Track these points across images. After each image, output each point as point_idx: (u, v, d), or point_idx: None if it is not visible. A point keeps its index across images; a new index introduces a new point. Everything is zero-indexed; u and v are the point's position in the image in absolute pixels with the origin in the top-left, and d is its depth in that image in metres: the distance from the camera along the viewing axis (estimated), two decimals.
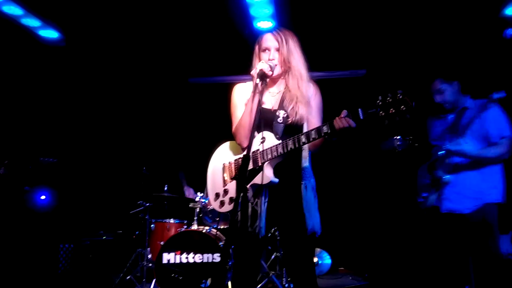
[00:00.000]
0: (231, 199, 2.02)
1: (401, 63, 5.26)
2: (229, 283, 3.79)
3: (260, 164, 1.94)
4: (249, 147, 1.74)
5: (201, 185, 4.62)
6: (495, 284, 2.69)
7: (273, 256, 4.42)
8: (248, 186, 1.93)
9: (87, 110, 5.81)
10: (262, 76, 1.93)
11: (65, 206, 5.02)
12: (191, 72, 6.19)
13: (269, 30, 2.13)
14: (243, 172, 1.68)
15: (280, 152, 1.90)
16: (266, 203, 1.95)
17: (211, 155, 2.30)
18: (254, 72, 1.95)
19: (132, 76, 5.94)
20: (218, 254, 3.80)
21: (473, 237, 2.73)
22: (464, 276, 3.11)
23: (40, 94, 5.47)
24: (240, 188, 1.65)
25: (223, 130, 6.40)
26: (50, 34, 4.84)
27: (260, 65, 1.95)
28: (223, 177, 2.13)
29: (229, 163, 2.12)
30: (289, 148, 1.88)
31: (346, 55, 5.24)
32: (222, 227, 4.32)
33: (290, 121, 2.00)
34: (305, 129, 2.01)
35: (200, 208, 4.20)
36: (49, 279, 4.62)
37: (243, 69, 6.01)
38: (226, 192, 2.08)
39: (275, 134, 1.98)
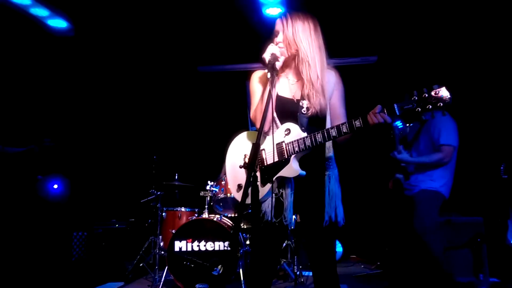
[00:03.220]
0: None
1: (414, 49, 5.16)
2: (241, 271, 3.83)
3: (286, 156, 1.90)
4: (259, 133, 1.71)
5: (212, 173, 4.64)
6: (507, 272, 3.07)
7: (284, 244, 4.43)
8: (274, 179, 1.91)
9: (98, 100, 5.84)
10: (274, 59, 1.88)
11: (78, 194, 5.09)
12: (200, 61, 6.16)
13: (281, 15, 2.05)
14: (253, 160, 1.66)
15: (308, 145, 1.85)
16: (292, 195, 1.92)
17: (228, 145, 2.23)
18: (266, 55, 1.90)
19: (142, 65, 5.94)
20: (229, 242, 3.82)
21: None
22: (478, 264, 3.41)
23: (51, 84, 5.50)
24: (250, 176, 1.63)
25: (233, 119, 6.40)
26: (59, 23, 4.84)
27: (270, 48, 1.91)
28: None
29: (247, 155, 2.07)
30: (318, 142, 1.84)
31: (357, 42, 5.15)
32: (232, 215, 4.34)
33: (313, 112, 1.93)
34: (328, 120, 1.97)
35: (210, 197, 4.21)
36: (63, 266, 4.71)
37: (252, 57, 5.99)
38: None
39: (300, 126, 1.92)
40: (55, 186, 3.85)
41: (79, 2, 4.55)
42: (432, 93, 1.66)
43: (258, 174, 1.99)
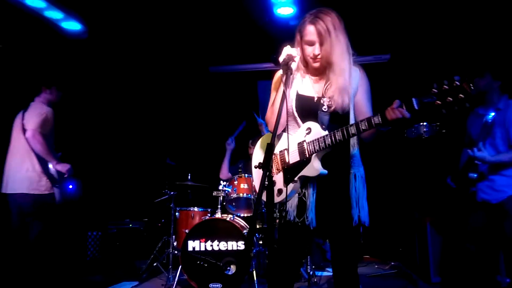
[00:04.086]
0: (279, 191, 1.98)
1: (428, 47, 5.10)
2: (254, 271, 3.83)
3: (307, 156, 1.88)
4: (273, 135, 1.70)
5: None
6: None
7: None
8: (296, 178, 1.91)
9: (112, 101, 5.89)
10: (290, 58, 1.87)
11: (93, 194, 5.14)
12: (212, 61, 6.19)
13: (311, 15, 1.94)
14: (267, 160, 1.66)
15: (328, 144, 1.83)
16: (315, 194, 1.91)
17: (254, 146, 2.27)
18: (281, 57, 1.89)
19: (155, 67, 5.98)
20: (242, 242, 3.82)
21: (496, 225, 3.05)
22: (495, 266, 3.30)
23: (66, 85, 5.56)
24: (265, 176, 1.63)
25: (244, 119, 6.39)
26: (73, 26, 4.90)
27: (286, 49, 1.89)
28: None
29: (275, 154, 2.06)
30: (337, 140, 1.81)
31: (369, 40, 5.11)
32: (245, 215, 4.34)
33: (335, 110, 1.91)
34: (351, 118, 1.95)
35: (223, 197, 4.23)
36: (78, 265, 4.76)
37: (263, 56, 5.98)
38: (274, 184, 2.01)
39: (321, 125, 1.90)
40: (70, 187, 3.90)
41: (93, 4, 4.59)
42: (453, 85, 1.59)
43: (281, 174, 1.99)
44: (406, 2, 4.48)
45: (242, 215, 4.31)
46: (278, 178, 2.00)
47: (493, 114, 3.06)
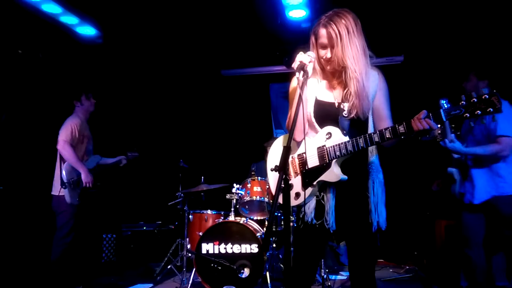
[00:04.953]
0: (296, 195, 1.97)
1: (441, 48, 5.04)
2: (267, 274, 3.82)
3: (327, 161, 1.88)
4: (289, 139, 1.70)
5: (237, 176, 4.66)
6: None
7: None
8: (315, 183, 1.90)
9: (125, 104, 5.95)
10: (302, 68, 1.85)
11: (107, 197, 5.19)
12: (224, 64, 6.22)
13: (326, 17, 1.91)
14: (284, 162, 1.65)
15: (350, 151, 1.82)
16: (334, 199, 1.91)
17: (268, 148, 2.25)
18: (294, 64, 1.86)
19: (167, 70, 6.03)
20: (256, 245, 3.82)
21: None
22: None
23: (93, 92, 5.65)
24: (281, 180, 1.63)
25: (257, 121, 6.38)
26: (88, 31, 4.96)
27: (299, 56, 1.87)
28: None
29: (292, 158, 2.05)
30: (360, 147, 1.81)
31: (382, 41, 5.07)
32: (258, 218, 4.34)
33: (354, 116, 1.90)
34: (370, 123, 1.93)
35: (236, 199, 4.23)
36: (94, 268, 4.81)
37: (275, 59, 5.98)
38: (291, 187, 2.03)
39: (342, 130, 1.89)
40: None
41: (107, 9, 4.65)
42: (481, 98, 1.59)
43: (299, 177, 1.99)
44: (419, 2, 4.44)
45: (255, 218, 4.31)
46: (296, 181, 2.00)
47: None
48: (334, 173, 1.86)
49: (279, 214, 4.45)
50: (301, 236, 1.99)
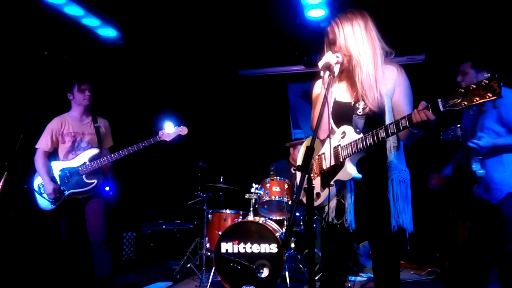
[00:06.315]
0: (317, 195, 1.97)
1: (464, 46, 4.93)
2: (287, 274, 3.81)
3: (341, 160, 1.87)
4: (313, 139, 1.69)
5: (256, 176, 4.67)
6: None
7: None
8: (332, 182, 1.90)
9: (144, 104, 6.02)
10: (328, 68, 1.85)
11: (128, 196, 5.26)
12: (242, 64, 6.23)
13: (337, 17, 1.96)
14: (306, 162, 1.65)
15: (360, 148, 1.80)
16: (352, 197, 1.89)
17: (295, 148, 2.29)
18: (320, 63, 1.87)
19: (186, 71, 6.08)
20: (275, 245, 3.82)
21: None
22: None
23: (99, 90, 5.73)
24: (303, 178, 1.62)
25: (275, 121, 6.35)
26: (109, 32, 5.05)
27: (326, 56, 1.88)
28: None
29: (314, 158, 2.06)
30: (368, 143, 1.78)
31: (403, 40, 5.00)
32: (277, 218, 4.34)
33: (368, 113, 1.88)
34: (387, 120, 1.89)
35: (255, 199, 4.24)
36: (114, 265, 4.87)
37: (293, 59, 5.95)
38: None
39: (355, 128, 1.88)
40: (107, 188, 4.00)
41: (128, 11, 4.71)
42: (481, 84, 1.49)
43: (319, 178, 1.99)
44: (440, 1, 4.36)
45: (274, 218, 4.31)
46: (316, 182, 2.01)
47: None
48: (347, 172, 1.85)
49: (299, 214, 4.43)
50: (326, 237, 1.98)
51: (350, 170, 1.85)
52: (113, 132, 4.04)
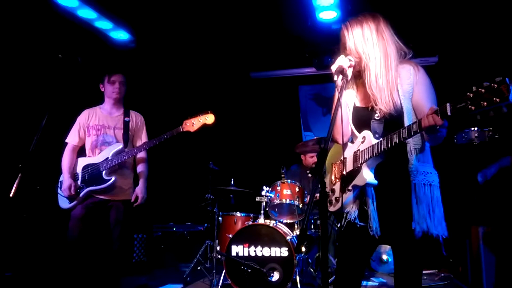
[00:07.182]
0: (336, 200, 1.98)
1: (478, 48, 4.86)
2: (297, 278, 3.78)
3: (359, 165, 1.87)
4: (326, 142, 1.68)
5: (267, 179, 4.65)
6: None
7: None
8: (350, 187, 1.89)
9: (155, 106, 6.05)
10: (341, 71, 1.84)
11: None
12: (253, 67, 6.23)
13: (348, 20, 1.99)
14: (319, 165, 1.64)
15: (376, 153, 1.78)
16: (375, 203, 1.85)
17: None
18: (333, 67, 1.86)
19: (197, 73, 6.09)
20: (286, 248, 3.79)
21: None
22: None
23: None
24: (317, 182, 1.61)
25: (286, 124, 6.32)
26: (121, 35, 5.09)
27: (338, 60, 1.87)
28: (330, 177, 2.10)
29: (334, 163, 2.08)
30: (382, 149, 1.76)
31: (416, 41, 4.93)
32: (288, 221, 4.31)
33: (386, 117, 1.86)
34: (406, 122, 1.83)
35: (266, 202, 4.22)
36: (124, 267, 4.90)
37: (305, 61, 5.92)
38: (333, 191, 2.03)
39: (374, 134, 1.87)
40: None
41: (140, 13, 4.75)
42: (490, 87, 1.39)
43: (339, 182, 1.99)
44: (454, 3, 4.31)
45: (284, 221, 4.28)
46: (337, 187, 2.01)
47: None
48: (362, 177, 1.83)
49: (310, 218, 4.40)
50: (344, 239, 1.96)
51: (366, 176, 1.83)
52: None
